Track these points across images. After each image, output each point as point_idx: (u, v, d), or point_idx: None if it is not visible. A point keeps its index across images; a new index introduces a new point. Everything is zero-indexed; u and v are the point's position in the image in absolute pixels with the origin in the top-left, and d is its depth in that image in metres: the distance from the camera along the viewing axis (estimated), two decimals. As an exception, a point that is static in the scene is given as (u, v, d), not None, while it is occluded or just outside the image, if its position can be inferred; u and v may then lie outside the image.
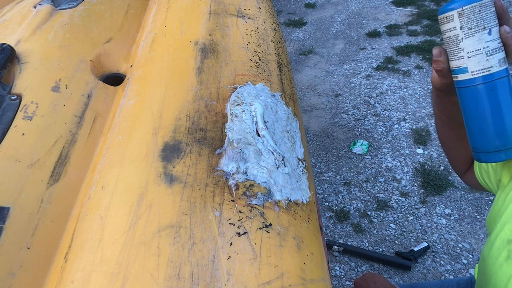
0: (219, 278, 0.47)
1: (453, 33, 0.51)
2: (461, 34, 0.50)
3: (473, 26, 0.49)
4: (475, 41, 0.50)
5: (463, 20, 0.50)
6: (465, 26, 0.50)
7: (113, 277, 0.48)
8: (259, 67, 0.81)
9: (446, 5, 0.52)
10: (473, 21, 0.49)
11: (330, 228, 2.04)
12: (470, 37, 0.50)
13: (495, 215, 0.61)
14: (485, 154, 0.54)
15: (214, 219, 0.52)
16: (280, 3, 4.65)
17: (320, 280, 0.52)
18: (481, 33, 0.49)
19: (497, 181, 0.64)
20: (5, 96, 0.73)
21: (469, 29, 0.50)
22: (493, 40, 0.50)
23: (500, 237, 0.57)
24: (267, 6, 1.10)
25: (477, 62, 0.50)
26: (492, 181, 0.66)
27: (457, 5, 0.50)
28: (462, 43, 0.50)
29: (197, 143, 0.62)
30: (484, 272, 0.60)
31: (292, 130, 0.71)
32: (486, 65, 0.50)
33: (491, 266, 0.57)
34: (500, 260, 0.55)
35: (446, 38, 0.52)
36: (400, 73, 3.12)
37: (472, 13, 0.49)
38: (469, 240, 1.91)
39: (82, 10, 1.02)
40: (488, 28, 0.49)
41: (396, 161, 2.38)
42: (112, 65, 0.93)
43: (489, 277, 0.57)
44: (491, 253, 0.58)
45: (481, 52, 0.50)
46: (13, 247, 0.55)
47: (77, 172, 0.67)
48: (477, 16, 0.49)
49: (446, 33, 0.52)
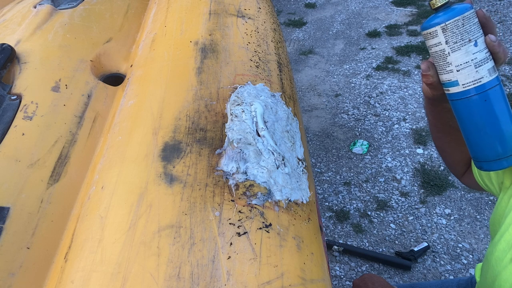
0: (219, 278, 0.47)
1: (439, 48, 0.51)
2: (447, 49, 0.50)
3: (458, 39, 0.49)
4: (462, 54, 0.49)
5: (448, 34, 0.49)
6: (450, 41, 0.49)
7: (113, 277, 0.48)
8: (259, 67, 0.81)
9: (428, 20, 0.51)
10: (457, 35, 0.49)
11: (330, 228, 2.04)
12: (457, 50, 0.49)
13: (499, 217, 0.61)
14: (487, 163, 0.53)
15: (214, 219, 0.52)
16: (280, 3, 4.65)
17: (320, 280, 0.52)
18: (467, 45, 0.49)
19: (499, 183, 0.64)
20: (5, 96, 0.73)
21: (455, 43, 0.49)
22: (480, 51, 0.49)
23: (504, 238, 0.57)
24: (267, 6, 1.10)
25: (467, 75, 0.49)
26: (493, 183, 0.66)
27: (440, 20, 0.50)
28: (450, 57, 0.50)
29: (197, 143, 0.62)
30: (487, 273, 0.60)
31: (292, 130, 0.71)
32: (476, 76, 0.49)
33: (495, 267, 0.57)
34: (505, 261, 0.55)
35: (433, 53, 0.52)
36: (400, 73, 3.12)
37: (455, 27, 0.49)
38: (469, 240, 1.91)
39: (82, 10, 1.02)
40: (474, 40, 0.49)
41: (396, 161, 2.38)
42: (112, 65, 0.93)
43: (493, 278, 0.57)
44: (495, 254, 0.57)
45: (469, 65, 0.49)
46: (13, 247, 0.55)
47: (77, 172, 0.67)
48: (461, 30, 0.49)
49: (432, 48, 0.52)
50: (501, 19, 3.60)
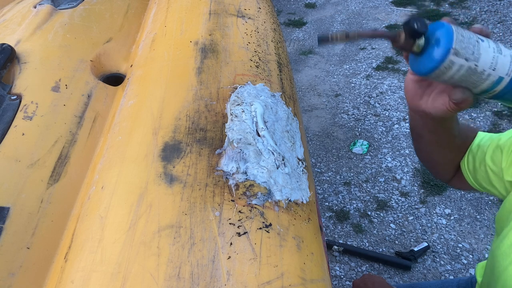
0: (219, 278, 0.47)
1: (464, 69, 0.49)
2: (472, 63, 0.48)
3: (471, 47, 0.48)
4: (485, 55, 0.48)
5: (462, 52, 0.48)
6: (468, 54, 0.48)
7: (113, 277, 0.48)
8: (259, 67, 0.81)
9: (433, 60, 0.49)
10: (468, 45, 0.48)
11: (330, 228, 2.04)
12: (480, 56, 0.48)
13: (507, 213, 0.61)
14: None
15: (214, 219, 0.52)
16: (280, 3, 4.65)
17: (320, 280, 0.52)
18: (481, 46, 0.48)
19: (504, 183, 0.64)
20: (5, 96, 0.73)
21: (473, 53, 0.48)
22: (487, 41, 0.49)
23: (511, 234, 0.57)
24: (267, 6, 1.10)
25: (503, 64, 0.49)
26: (494, 185, 0.66)
27: (445, 50, 0.48)
28: (479, 66, 0.49)
29: (197, 143, 0.62)
30: (493, 269, 0.60)
31: (292, 130, 0.71)
32: (507, 58, 0.49)
33: (502, 262, 0.57)
34: (511, 257, 0.55)
35: (459, 77, 0.50)
36: (400, 73, 3.12)
37: (461, 41, 0.48)
38: (469, 240, 1.91)
39: (82, 10, 1.02)
40: (477, 38, 0.49)
41: (396, 161, 2.38)
42: (112, 65, 0.93)
43: (498, 274, 0.57)
44: (502, 250, 0.57)
45: (497, 56, 0.49)
46: (13, 247, 0.55)
47: (77, 172, 0.67)
48: (466, 39, 0.48)
49: (455, 76, 0.50)
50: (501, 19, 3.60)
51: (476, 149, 0.70)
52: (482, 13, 3.78)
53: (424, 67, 0.50)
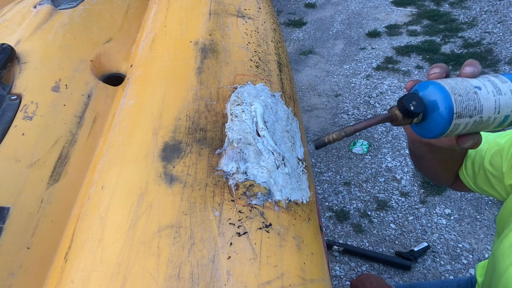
0: (219, 278, 0.47)
1: (470, 124, 0.47)
2: (476, 117, 0.46)
3: (471, 102, 0.46)
4: (486, 104, 0.46)
5: (464, 112, 0.46)
6: (470, 112, 0.46)
7: (113, 277, 0.48)
8: (259, 67, 0.81)
9: (437, 128, 0.47)
10: (469, 103, 0.46)
11: (330, 228, 2.04)
12: (482, 107, 0.46)
13: (509, 213, 0.61)
14: None
15: (214, 219, 0.52)
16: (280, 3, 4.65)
17: (320, 280, 0.52)
18: (480, 96, 0.46)
19: (505, 186, 0.64)
20: (5, 96, 0.73)
21: (474, 108, 0.46)
22: (483, 85, 0.47)
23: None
24: (267, 6, 1.10)
25: (506, 104, 0.47)
26: (495, 188, 0.66)
27: (448, 118, 0.46)
28: (484, 117, 0.47)
29: (197, 143, 0.62)
30: (493, 270, 0.60)
31: (292, 130, 0.71)
32: (509, 96, 0.47)
33: (502, 263, 0.56)
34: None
35: (467, 130, 0.48)
36: (400, 73, 3.12)
37: (461, 103, 0.45)
38: (469, 240, 1.91)
39: (82, 10, 1.02)
40: (473, 86, 0.47)
41: (396, 161, 2.38)
42: (112, 65, 0.93)
43: (499, 275, 0.57)
44: (502, 251, 0.57)
45: (498, 99, 0.46)
46: (13, 247, 0.55)
47: (77, 172, 0.67)
48: (464, 98, 0.46)
49: (463, 130, 0.48)
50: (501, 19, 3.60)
51: (473, 153, 0.70)
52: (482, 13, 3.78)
53: (428, 133, 0.49)
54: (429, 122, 0.48)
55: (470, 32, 3.51)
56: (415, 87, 0.50)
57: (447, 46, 3.37)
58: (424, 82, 0.49)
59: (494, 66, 3.00)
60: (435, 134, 0.48)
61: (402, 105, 0.47)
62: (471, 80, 0.47)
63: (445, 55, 3.25)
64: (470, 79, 0.48)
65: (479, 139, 0.51)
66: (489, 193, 0.69)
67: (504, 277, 0.55)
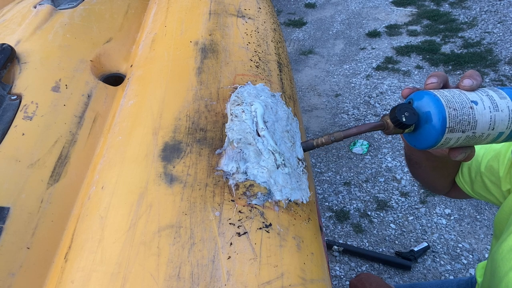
0: (219, 278, 0.47)
1: (462, 139, 0.46)
2: (469, 132, 0.46)
3: (466, 118, 0.45)
4: (481, 120, 0.45)
5: (457, 128, 0.45)
6: (463, 127, 0.45)
7: (113, 277, 0.48)
8: (259, 67, 0.81)
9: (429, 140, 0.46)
10: (463, 118, 0.45)
11: (330, 228, 2.04)
12: (476, 124, 0.45)
13: (506, 216, 0.61)
14: None
15: (214, 219, 0.52)
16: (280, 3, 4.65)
17: (320, 280, 0.52)
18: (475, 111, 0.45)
19: (502, 191, 0.64)
20: (5, 96, 0.73)
21: (468, 124, 0.45)
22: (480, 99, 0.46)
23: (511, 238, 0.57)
24: (267, 6, 1.10)
25: (501, 121, 0.46)
26: (492, 193, 0.67)
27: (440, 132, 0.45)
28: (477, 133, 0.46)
29: (197, 143, 0.62)
30: (493, 273, 0.59)
31: (292, 130, 0.71)
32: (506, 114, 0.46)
33: (502, 268, 0.56)
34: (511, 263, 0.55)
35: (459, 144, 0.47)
36: (400, 73, 3.12)
37: (455, 118, 0.45)
38: (469, 240, 1.91)
39: (82, 10, 1.02)
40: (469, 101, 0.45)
41: (396, 161, 2.38)
42: (112, 65, 0.93)
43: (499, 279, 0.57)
44: (501, 255, 0.57)
45: (494, 116, 0.45)
46: (13, 247, 0.55)
47: (77, 172, 0.67)
48: (459, 112, 0.45)
49: (455, 144, 0.47)
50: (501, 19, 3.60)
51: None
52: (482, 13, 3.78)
53: (419, 144, 0.49)
54: (421, 133, 0.47)
55: (470, 32, 3.51)
56: (411, 95, 0.50)
57: (447, 46, 3.37)
58: (420, 92, 0.48)
59: (494, 66, 3.00)
60: (425, 146, 0.48)
61: (394, 116, 0.47)
62: (469, 94, 0.47)
63: (445, 55, 3.25)
64: (468, 92, 0.47)
65: (472, 152, 0.50)
66: (486, 198, 0.69)
67: (503, 282, 0.55)
